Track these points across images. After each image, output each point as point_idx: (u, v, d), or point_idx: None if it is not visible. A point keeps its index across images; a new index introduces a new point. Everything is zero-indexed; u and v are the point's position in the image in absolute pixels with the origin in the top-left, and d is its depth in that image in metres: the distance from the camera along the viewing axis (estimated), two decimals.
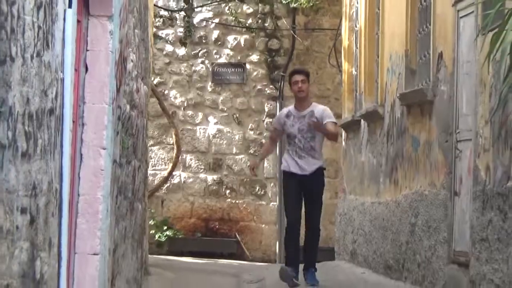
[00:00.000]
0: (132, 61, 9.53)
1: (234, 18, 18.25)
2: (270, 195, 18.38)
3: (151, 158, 17.39)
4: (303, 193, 11.62)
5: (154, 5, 14.52)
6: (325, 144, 11.53)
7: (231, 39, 18.76)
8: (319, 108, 11.80)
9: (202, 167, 18.65)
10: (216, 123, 18.67)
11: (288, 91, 16.84)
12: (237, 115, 18.63)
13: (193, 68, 18.76)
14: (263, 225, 18.43)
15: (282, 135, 12.04)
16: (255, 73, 18.72)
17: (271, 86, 18.63)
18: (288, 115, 11.75)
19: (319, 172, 11.68)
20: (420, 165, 11.75)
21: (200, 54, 18.77)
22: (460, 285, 10.19)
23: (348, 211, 15.40)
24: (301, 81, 11.66)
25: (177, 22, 18.48)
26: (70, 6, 7.09)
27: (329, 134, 11.60)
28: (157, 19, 17.13)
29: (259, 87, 18.69)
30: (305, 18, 18.52)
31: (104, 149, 8.16)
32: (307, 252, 11.73)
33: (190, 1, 17.94)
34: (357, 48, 15.22)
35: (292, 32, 18.51)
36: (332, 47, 17.75)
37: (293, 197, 11.65)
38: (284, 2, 17.14)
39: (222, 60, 18.76)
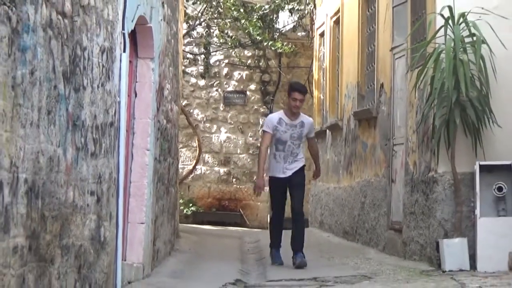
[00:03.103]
0: (167, 89, 9.53)
1: (238, 59, 18.24)
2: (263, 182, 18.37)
3: (181, 157, 17.36)
4: (288, 187, 9.51)
5: (183, 50, 14.51)
6: (303, 146, 9.78)
7: (236, 74, 18.76)
8: (308, 121, 9.71)
9: (216, 162, 18.65)
10: (226, 132, 18.67)
11: (276, 108, 16.88)
12: (241, 126, 18.62)
13: (210, 94, 18.75)
14: (259, 203, 18.41)
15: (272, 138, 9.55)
16: (253, 98, 18.71)
17: (264, 107, 18.61)
18: (280, 122, 9.47)
19: (301, 169, 9.52)
20: (368, 161, 11.75)
21: (214, 84, 18.76)
22: (396, 245, 10.18)
23: (318, 193, 15.39)
24: (300, 100, 9.42)
25: (199, 62, 18.47)
26: (124, 51, 7.10)
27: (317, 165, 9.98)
28: (185, 60, 17.12)
29: (255, 107, 18.68)
30: (287, 59, 18.50)
31: (148, 150, 8.17)
32: (296, 239, 9.41)
33: (208, 48, 17.98)
34: (324, 80, 15.22)
35: (278, 69, 18.51)
36: (306, 79, 17.73)
37: (279, 197, 9.57)
38: (273, 48, 17.13)
39: (230, 88, 18.75)
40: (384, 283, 8.00)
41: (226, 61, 18.69)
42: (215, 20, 17.44)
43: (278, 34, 17.28)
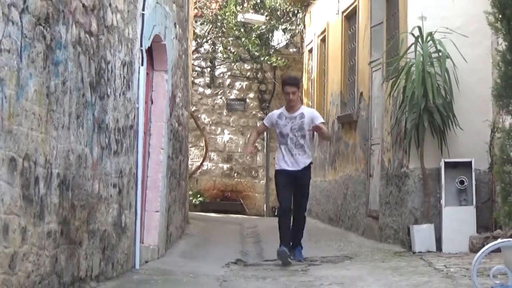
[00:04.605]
0: (179, 97, 9.53)
1: (239, 71, 18.23)
2: (260, 176, 18.33)
3: (190, 154, 17.33)
4: (294, 185, 8.22)
5: (192, 64, 14.51)
6: (311, 141, 8.59)
7: (237, 84, 18.72)
8: (308, 110, 8.66)
9: (220, 159, 18.61)
10: (228, 134, 18.63)
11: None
12: (241, 129, 18.59)
13: (215, 101, 18.72)
14: (257, 194, 18.39)
15: (265, 131, 8.11)
16: (251, 104, 18.67)
17: (261, 112, 18.57)
18: (280, 116, 8.37)
19: (308, 167, 8.33)
20: (349, 158, 11.75)
21: (219, 93, 18.73)
22: (373, 230, 10.18)
23: None
24: (292, 93, 8.26)
25: (205, 74, 18.45)
26: (142, 65, 7.10)
27: (324, 134, 8.68)
28: (193, 72, 17.10)
29: (254, 112, 18.64)
30: (281, 71, 18.45)
31: (162, 149, 8.16)
32: (295, 234, 8.26)
33: (213, 62, 18.01)
34: (312, 89, 15.22)
35: (273, 80, 18.48)
36: None
37: (285, 190, 8.21)
38: (268, 62, 17.13)
39: (232, 96, 18.71)
40: (363, 262, 8.01)
41: (229, 73, 18.67)
42: (220, 38, 17.48)
43: (273, 50, 17.34)
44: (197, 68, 18.13)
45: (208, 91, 18.68)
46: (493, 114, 8.54)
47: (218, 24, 16.89)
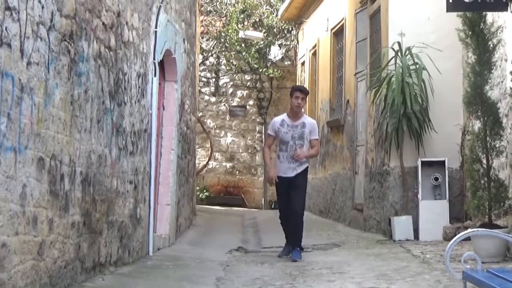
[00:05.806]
0: (187, 104, 9.53)
1: (240, 82, 18.23)
2: (259, 174, 18.31)
3: (197, 155, 17.32)
4: (291, 188, 7.46)
5: (199, 75, 14.51)
6: (308, 148, 7.60)
7: (239, 93, 18.71)
8: (309, 122, 7.65)
9: (224, 159, 18.60)
10: (231, 136, 18.62)
11: (269, 119, 16.84)
12: (242, 132, 18.57)
13: (219, 108, 18.71)
14: (256, 190, 18.37)
15: (274, 140, 7.66)
16: (251, 111, 18.66)
17: (259, 117, 18.58)
18: (282, 124, 7.55)
19: (304, 171, 7.58)
20: (337, 158, 11.75)
21: (222, 100, 18.72)
22: (358, 221, 10.18)
23: None
24: (301, 98, 7.48)
25: (211, 84, 18.45)
26: (155, 76, 7.10)
27: (312, 156, 7.83)
28: (200, 82, 17.10)
29: (253, 117, 18.63)
30: (277, 81, 18.45)
31: (173, 150, 8.17)
32: (292, 236, 7.48)
33: (217, 73, 18.03)
34: None
35: (270, 89, 18.48)
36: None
37: (283, 196, 7.50)
38: (266, 73, 17.15)
39: (234, 103, 18.69)
40: (349, 249, 8.01)
41: (231, 83, 18.66)
42: (223, 52, 17.50)
43: (270, 63, 17.37)
44: (203, 79, 18.13)
45: (213, 99, 18.67)
46: (464, 119, 8.55)
47: (222, 40, 16.93)
